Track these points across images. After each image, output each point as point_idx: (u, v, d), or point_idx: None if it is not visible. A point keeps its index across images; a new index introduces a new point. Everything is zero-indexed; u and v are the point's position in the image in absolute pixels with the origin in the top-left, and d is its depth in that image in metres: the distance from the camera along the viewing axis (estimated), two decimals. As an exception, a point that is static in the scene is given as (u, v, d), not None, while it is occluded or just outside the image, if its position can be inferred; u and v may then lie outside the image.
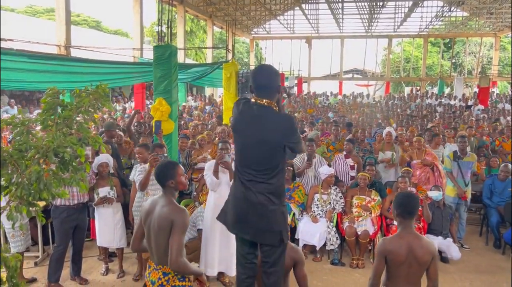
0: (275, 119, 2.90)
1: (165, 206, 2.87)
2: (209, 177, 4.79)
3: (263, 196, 2.90)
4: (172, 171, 2.97)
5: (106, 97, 3.23)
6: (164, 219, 2.80)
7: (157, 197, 3.03)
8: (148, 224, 2.91)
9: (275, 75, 2.97)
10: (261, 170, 2.92)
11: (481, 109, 15.21)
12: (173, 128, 6.28)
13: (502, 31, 28.13)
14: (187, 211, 2.93)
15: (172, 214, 2.80)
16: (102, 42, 18.25)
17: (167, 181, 2.93)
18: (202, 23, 32.04)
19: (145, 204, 3.07)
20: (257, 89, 2.95)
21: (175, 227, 2.76)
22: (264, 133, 2.87)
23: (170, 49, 6.21)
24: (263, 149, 2.89)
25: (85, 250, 5.82)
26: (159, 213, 2.85)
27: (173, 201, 2.93)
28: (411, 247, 2.83)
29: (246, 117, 2.97)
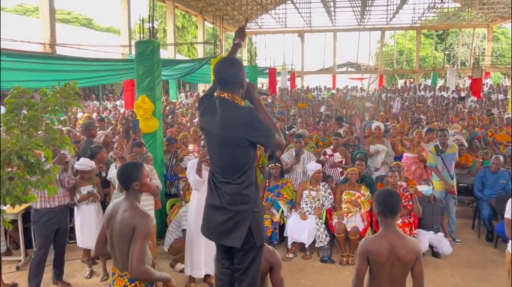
0: (235, 113, 2.68)
1: (127, 210, 2.70)
2: (192, 176, 4.66)
3: (229, 197, 2.73)
4: (136, 173, 2.80)
5: (76, 96, 3.09)
6: (126, 224, 2.64)
7: (120, 200, 2.85)
8: (111, 228, 2.75)
9: (238, 68, 2.74)
10: (228, 169, 2.75)
11: (474, 100, 15.12)
12: (157, 126, 6.13)
13: (494, 22, 28.07)
14: (151, 216, 2.79)
15: (134, 219, 2.64)
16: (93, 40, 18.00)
17: (131, 183, 2.76)
18: (194, 19, 31.78)
19: (108, 207, 2.90)
20: (219, 83, 2.76)
21: (137, 233, 2.60)
22: (224, 129, 2.69)
23: (152, 45, 6.04)
24: (226, 146, 2.71)
25: (68, 252, 5.67)
26: (121, 217, 2.69)
27: (136, 205, 2.76)
28: (393, 247, 2.71)
29: (209, 113, 2.79)
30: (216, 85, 2.81)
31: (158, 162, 6.14)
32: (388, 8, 26.97)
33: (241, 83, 2.74)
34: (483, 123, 9.89)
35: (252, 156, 2.78)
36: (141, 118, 6.04)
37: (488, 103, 14.65)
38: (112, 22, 33.07)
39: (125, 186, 2.84)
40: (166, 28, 22.48)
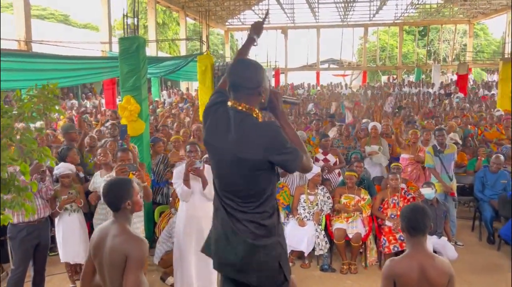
0: (253, 131, 2.19)
1: (118, 235, 2.33)
2: (179, 186, 4.27)
3: (247, 228, 2.26)
4: (128, 190, 2.44)
5: (55, 100, 2.68)
6: (117, 252, 2.28)
7: (107, 224, 2.47)
8: (99, 258, 2.37)
9: (255, 71, 2.24)
10: (244, 196, 2.26)
11: (460, 97, 15.09)
12: (143, 129, 5.72)
13: (475, 18, 28.30)
14: (146, 241, 2.39)
15: (127, 246, 2.28)
16: (70, 36, 17.33)
17: (122, 203, 2.40)
18: (174, 15, 31.13)
19: (94, 234, 2.51)
20: (232, 88, 2.26)
21: (130, 263, 2.25)
22: (239, 151, 2.18)
23: (138, 41, 5.62)
24: (241, 170, 2.21)
25: (49, 267, 5.25)
26: (110, 244, 2.32)
27: (127, 228, 2.39)
28: (423, 268, 2.42)
29: (219, 128, 2.27)
30: (229, 91, 2.29)
31: (145, 167, 5.74)
32: (371, 5, 26.90)
33: (258, 90, 2.24)
34: (475, 120, 9.75)
35: (273, 181, 2.34)
36: (126, 120, 5.63)
37: (475, 99, 14.63)
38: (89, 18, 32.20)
39: (114, 207, 2.47)
40: (146, 24, 21.87)
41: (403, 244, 5.20)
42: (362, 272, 5.30)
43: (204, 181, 4.26)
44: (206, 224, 4.36)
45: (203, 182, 4.26)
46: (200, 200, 4.33)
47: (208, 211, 4.44)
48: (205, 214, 4.37)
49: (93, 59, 9.12)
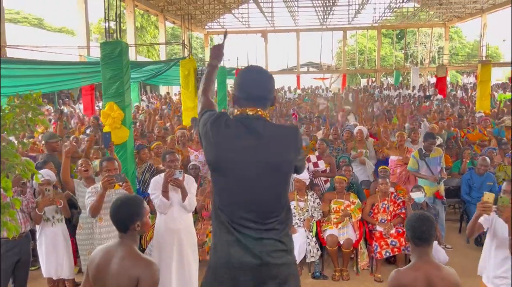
0: (281, 132, 2.12)
1: (126, 258, 2.19)
2: (158, 198, 4.09)
3: (270, 248, 2.07)
4: (140, 209, 2.30)
5: (38, 110, 2.52)
6: (126, 276, 2.14)
7: (111, 245, 2.31)
8: (102, 283, 2.22)
9: (273, 82, 2.21)
10: (268, 212, 2.09)
11: (440, 99, 15.32)
12: (127, 136, 5.54)
13: (451, 21, 28.92)
14: (156, 265, 2.25)
15: (137, 269, 2.15)
16: (45, 41, 16.88)
17: (132, 223, 2.26)
18: (153, 18, 30.81)
19: (94, 255, 2.34)
20: (251, 101, 2.14)
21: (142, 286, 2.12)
22: (272, 156, 2.06)
23: (121, 46, 5.45)
24: (272, 179, 2.08)
25: (32, 282, 5.01)
26: (118, 269, 2.17)
27: (136, 251, 2.25)
28: (430, 280, 2.35)
29: (239, 139, 2.09)
30: (239, 102, 2.18)
31: (130, 175, 5.55)
32: (349, 9, 27.17)
33: (273, 100, 2.21)
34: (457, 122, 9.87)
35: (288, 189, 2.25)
36: (109, 127, 5.44)
37: (454, 101, 14.87)
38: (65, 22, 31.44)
39: (122, 228, 2.31)
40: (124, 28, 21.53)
41: (395, 249, 5.18)
42: (354, 278, 5.24)
43: (184, 192, 4.12)
44: (186, 236, 4.24)
45: (183, 193, 4.12)
46: (179, 212, 4.18)
47: (188, 223, 4.33)
48: (185, 226, 4.23)
49: (72, 64, 8.83)
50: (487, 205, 2.95)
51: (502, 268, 3.07)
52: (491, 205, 2.95)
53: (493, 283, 3.11)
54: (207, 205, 5.56)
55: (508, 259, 3.01)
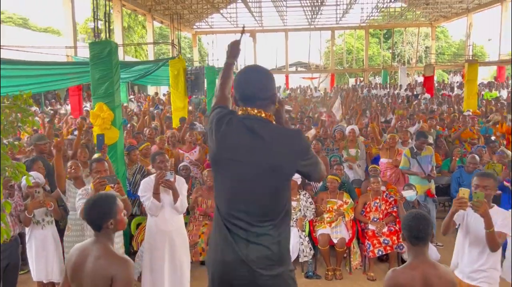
0: (282, 135, 2.07)
1: (101, 257, 2.17)
2: (149, 200, 4.05)
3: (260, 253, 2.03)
4: (112, 208, 2.27)
5: (29, 111, 2.46)
6: (101, 275, 2.12)
7: (87, 243, 2.29)
8: (78, 282, 2.20)
9: (270, 80, 2.14)
10: (261, 214, 2.04)
11: (427, 98, 15.45)
12: (117, 137, 5.46)
13: (437, 21, 29.23)
14: (132, 262, 2.23)
15: (112, 268, 2.13)
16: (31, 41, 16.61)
17: (105, 221, 2.23)
18: (140, 18, 30.56)
19: (71, 254, 2.31)
20: (244, 100, 2.12)
21: (117, 285, 2.10)
22: (273, 156, 2.01)
23: (110, 46, 5.35)
24: (269, 180, 2.03)
25: (21, 286, 4.92)
26: (92, 267, 2.15)
27: (111, 249, 2.23)
28: (427, 279, 2.34)
29: (242, 138, 2.06)
30: (241, 101, 2.14)
31: (121, 177, 5.47)
32: (337, 9, 27.30)
33: (273, 98, 2.13)
34: (447, 121, 9.95)
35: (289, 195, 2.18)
36: (99, 128, 5.35)
37: (442, 100, 15.01)
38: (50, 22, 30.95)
39: (96, 227, 2.28)
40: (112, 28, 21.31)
41: (387, 247, 5.19)
42: (347, 277, 5.24)
43: (176, 194, 4.08)
44: (178, 238, 4.20)
45: (174, 194, 4.08)
46: (171, 213, 4.15)
47: (180, 225, 4.30)
48: (176, 228, 4.20)
49: (59, 64, 8.69)
50: (463, 200, 2.98)
51: (478, 262, 3.11)
52: (467, 200, 2.97)
53: (470, 277, 3.14)
54: (200, 203, 5.51)
55: (483, 253, 3.05)
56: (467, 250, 3.20)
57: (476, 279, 3.12)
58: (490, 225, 2.90)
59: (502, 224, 3.03)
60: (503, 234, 3.01)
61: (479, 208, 2.89)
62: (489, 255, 3.05)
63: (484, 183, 3.14)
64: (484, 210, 2.89)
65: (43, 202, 4.24)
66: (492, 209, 3.11)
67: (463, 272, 3.21)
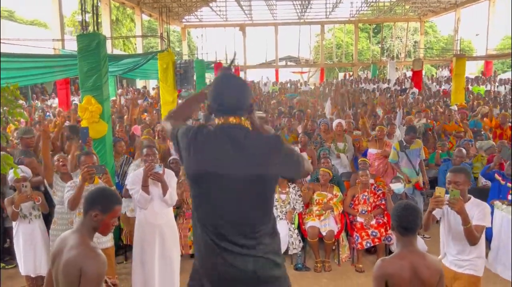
0: (261, 142, 2.05)
1: (74, 248, 2.13)
2: (138, 193, 4.04)
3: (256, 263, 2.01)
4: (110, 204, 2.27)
5: (16, 103, 2.43)
6: (71, 266, 2.09)
7: (69, 232, 2.29)
8: (56, 269, 2.19)
9: (248, 90, 2.15)
10: (252, 224, 2.02)
11: (415, 92, 15.58)
12: (106, 130, 5.43)
13: (426, 16, 29.41)
14: (104, 257, 2.18)
15: (81, 260, 2.09)
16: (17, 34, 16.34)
17: (91, 210, 2.23)
18: (128, 11, 30.25)
19: (56, 240, 2.32)
20: (223, 111, 2.09)
21: (85, 279, 2.07)
22: (257, 164, 1.99)
23: (98, 39, 5.31)
24: (254, 191, 2.01)
25: (6, 281, 4.90)
26: (66, 257, 2.13)
27: (87, 241, 2.20)
28: (415, 268, 2.38)
29: (218, 149, 2.02)
30: (215, 112, 2.13)
31: (109, 170, 5.44)
32: (326, 2, 27.31)
33: (250, 108, 2.15)
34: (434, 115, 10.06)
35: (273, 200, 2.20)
36: (87, 121, 5.31)
37: (429, 94, 15.16)
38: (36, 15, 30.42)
39: (87, 206, 2.28)
40: (100, 21, 21.06)
41: (375, 239, 5.25)
42: (335, 269, 5.30)
43: (165, 186, 4.08)
44: (168, 231, 4.21)
45: (164, 187, 4.08)
46: (160, 206, 4.15)
47: (170, 217, 4.30)
48: (166, 221, 4.21)
49: (47, 57, 8.58)
50: (439, 199, 3.03)
51: (463, 253, 3.17)
52: (443, 199, 3.03)
53: (456, 265, 3.21)
54: (186, 199, 5.52)
55: (467, 245, 3.11)
56: (451, 243, 3.27)
57: (463, 267, 3.19)
58: (467, 222, 2.96)
59: (478, 216, 3.08)
60: (480, 226, 3.06)
61: (455, 205, 2.94)
62: (472, 247, 3.10)
63: (455, 178, 3.18)
64: (460, 208, 2.94)
65: (31, 196, 4.21)
66: (469, 202, 3.17)
67: (450, 260, 3.27)
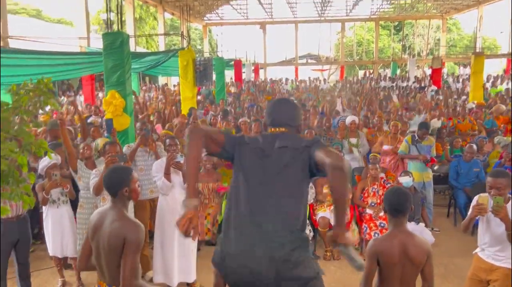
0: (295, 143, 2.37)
1: (116, 220, 2.48)
2: (160, 180, 4.37)
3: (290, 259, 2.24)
4: (126, 177, 2.57)
5: (50, 93, 2.75)
6: (115, 236, 2.43)
7: (105, 208, 2.61)
8: (97, 241, 2.51)
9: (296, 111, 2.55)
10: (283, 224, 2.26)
11: (434, 90, 15.55)
12: (128, 123, 5.79)
13: (448, 13, 29.03)
14: (143, 226, 2.54)
15: (125, 230, 2.43)
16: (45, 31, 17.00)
17: (120, 188, 2.54)
18: (152, 10, 30.84)
19: (92, 217, 2.65)
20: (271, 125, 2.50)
21: (128, 246, 2.40)
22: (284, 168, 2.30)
23: (122, 37, 5.67)
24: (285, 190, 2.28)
25: (37, 261, 5.29)
26: (109, 229, 2.46)
27: (125, 214, 2.54)
28: (404, 247, 2.62)
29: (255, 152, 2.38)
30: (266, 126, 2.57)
31: (131, 161, 5.79)
32: (347, 0, 27.27)
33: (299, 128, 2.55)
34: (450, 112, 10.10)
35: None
36: (111, 115, 5.68)
37: (449, 92, 15.09)
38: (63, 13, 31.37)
39: (112, 192, 2.60)
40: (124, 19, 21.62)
41: (383, 230, 5.43)
42: (344, 257, 5.50)
43: (185, 175, 4.38)
44: None
45: (184, 175, 4.38)
46: (180, 193, 4.44)
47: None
48: None
49: (73, 54, 9.03)
50: (482, 207, 3.05)
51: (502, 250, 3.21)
52: (486, 207, 3.05)
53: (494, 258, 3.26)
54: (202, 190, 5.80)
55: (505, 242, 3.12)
56: (490, 240, 3.28)
57: (500, 260, 3.23)
58: (510, 227, 2.97)
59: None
60: None
61: (499, 213, 2.95)
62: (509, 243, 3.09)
63: (496, 183, 3.10)
64: (504, 215, 2.94)
65: (60, 183, 4.58)
66: (509, 203, 3.13)
67: (487, 254, 3.31)
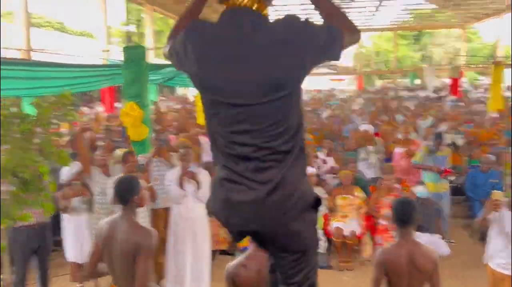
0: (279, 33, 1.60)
1: (129, 228, 2.60)
2: (174, 189, 4.49)
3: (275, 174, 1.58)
4: (137, 185, 2.72)
5: (71, 106, 2.91)
6: (129, 243, 2.54)
7: (115, 218, 2.73)
8: (109, 248, 2.63)
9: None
10: (266, 127, 1.57)
11: (453, 99, 15.37)
12: (147, 133, 5.94)
13: (468, 23, 28.70)
14: (154, 232, 2.66)
15: (138, 237, 2.55)
16: (68, 44, 17.57)
17: (131, 197, 2.66)
18: (170, 22, 31.40)
19: (101, 226, 2.76)
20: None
21: (142, 252, 2.51)
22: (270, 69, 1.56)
23: (141, 50, 5.86)
24: (272, 101, 1.56)
25: (56, 268, 5.42)
26: (122, 236, 2.58)
27: (136, 221, 2.68)
28: (411, 256, 2.65)
29: (222, 52, 1.60)
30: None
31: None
32: (365, 10, 27.23)
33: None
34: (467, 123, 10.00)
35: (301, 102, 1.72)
36: (130, 125, 5.84)
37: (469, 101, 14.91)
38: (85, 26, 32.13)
39: (124, 200, 2.71)
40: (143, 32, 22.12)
41: (397, 241, 5.43)
42: (357, 268, 5.52)
43: (199, 184, 4.48)
44: (200, 225, 4.61)
45: (197, 185, 4.49)
46: (194, 202, 4.55)
47: (202, 213, 4.70)
48: (198, 215, 4.60)
49: (94, 67, 9.30)
50: (496, 202, 3.13)
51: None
52: (500, 202, 3.12)
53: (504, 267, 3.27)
54: None
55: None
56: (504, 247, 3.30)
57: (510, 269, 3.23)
58: None
59: None
60: None
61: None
62: None
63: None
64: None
65: (80, 192, 4.74)
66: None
67: (497, 263, 3.34)
